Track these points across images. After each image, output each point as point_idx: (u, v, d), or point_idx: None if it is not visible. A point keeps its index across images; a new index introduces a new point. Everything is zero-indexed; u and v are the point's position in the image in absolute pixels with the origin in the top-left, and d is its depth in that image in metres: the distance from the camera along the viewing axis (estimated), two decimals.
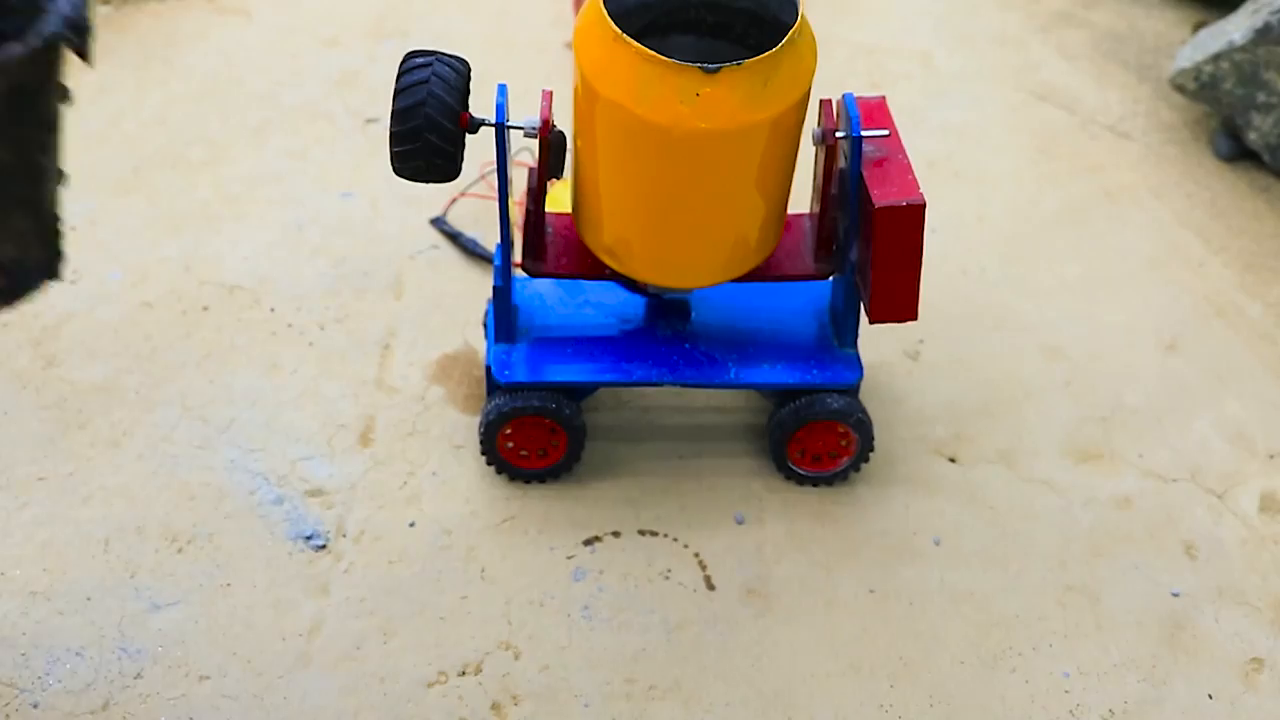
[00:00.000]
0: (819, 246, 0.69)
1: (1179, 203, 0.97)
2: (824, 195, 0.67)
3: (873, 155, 0.64)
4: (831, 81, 1.08)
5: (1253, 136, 0.99)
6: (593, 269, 0.68)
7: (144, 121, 0.99)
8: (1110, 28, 1.18)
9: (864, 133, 0.63)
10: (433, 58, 0.60)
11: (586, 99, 0.59)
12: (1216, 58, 0.98)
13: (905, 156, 0.65)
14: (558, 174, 0.65)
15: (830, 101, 0.65)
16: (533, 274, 0.68)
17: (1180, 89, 1.02)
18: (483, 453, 0.70)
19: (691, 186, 0.60)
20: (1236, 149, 1.01)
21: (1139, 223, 0.95)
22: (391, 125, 0.60)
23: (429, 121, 0.59)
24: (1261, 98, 0.97)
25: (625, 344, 0.70)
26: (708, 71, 0.55)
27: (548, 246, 0.69)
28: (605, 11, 0.57)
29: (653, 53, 0.56)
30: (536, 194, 0.67)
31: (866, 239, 0.64)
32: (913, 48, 1.14)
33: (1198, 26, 1.14)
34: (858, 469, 0.73)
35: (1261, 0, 0.99)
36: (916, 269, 0.64)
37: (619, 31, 0.56)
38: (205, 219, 0.90)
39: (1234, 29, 0.99)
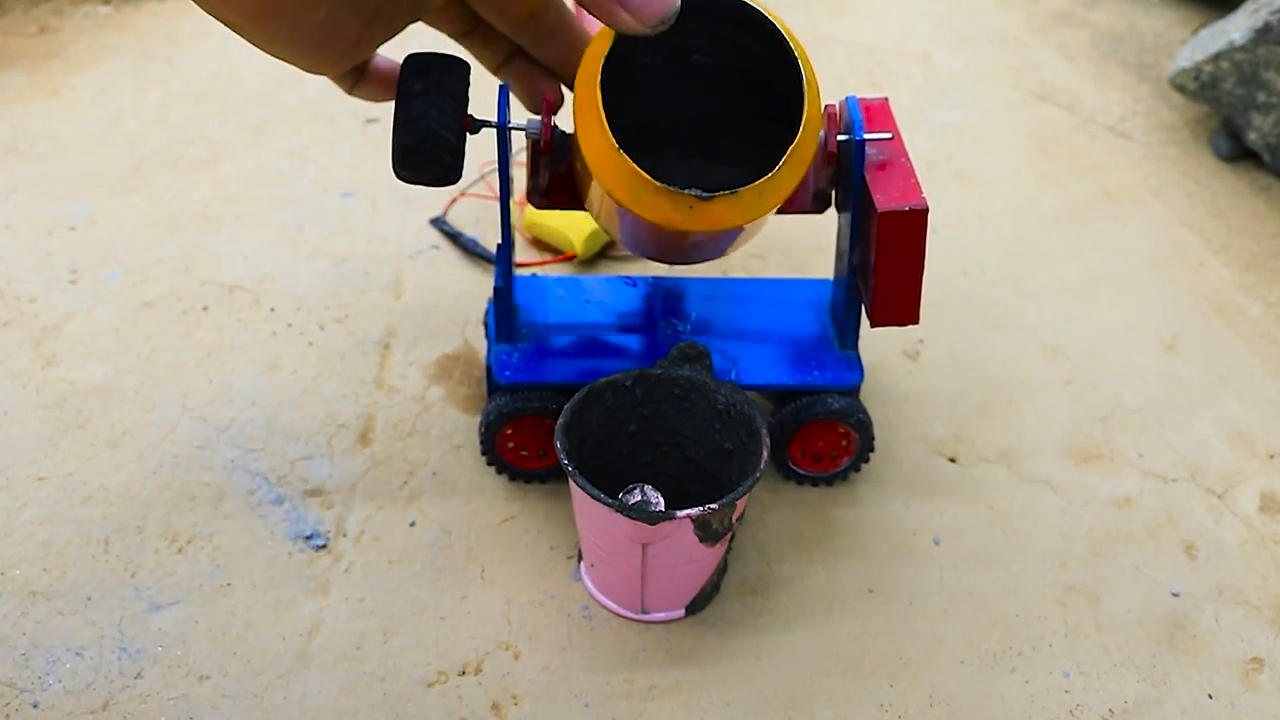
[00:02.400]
0: (818, 184, 0.67)
1: (1179, 203, 0.97)
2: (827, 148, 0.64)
3: (875, 158, 0.64)
4: (832, 81, 1.08)
5: (1253, 136, 0.99)
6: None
7: (144, 121, 0.99)
8: (1110, 28, 1.18)
9: (867, 136, 0.63)
10: (433, 60, 0.60)
11: (583, 167, 0.58)
12: (1216, 58, 0.98)
13: (908, 160, 0.64)
14: (558, 169, 0.65)
15: (833, 105, 0.64)
16: (540, 208, 0.67)
17: (1180, 89, 1.02)
18: (483, 453, 0.70)
19: (683, 244, 0.60)
20: (1236, 149, 1.01)
21: (1139, 223, 0.95)
22: (394, 132, 0.60)
23: (430, 126, 0.59)
24: (1261, 98, 0.97)
25: (626, 344, 0.71)
26: (703, 199, 0.55)
27: (552, 184, 0.67)
28: (606, 124, 0.55)
29: (648, 177, 0.55)
30: (545, 150, 0.64)
31: (868, 242, 0.64)
32: (913, 48, 1.14)
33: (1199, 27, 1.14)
34: (858, 469, 0.73)
35: (1261, 0, 0.99)
36: (919, 273, 0.64)
37: (616, 147, 0.55)
38: (205, 219, 0.90)
39: (1234, 29, 0.99)
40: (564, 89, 0.62)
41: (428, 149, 0.59)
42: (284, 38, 0.53)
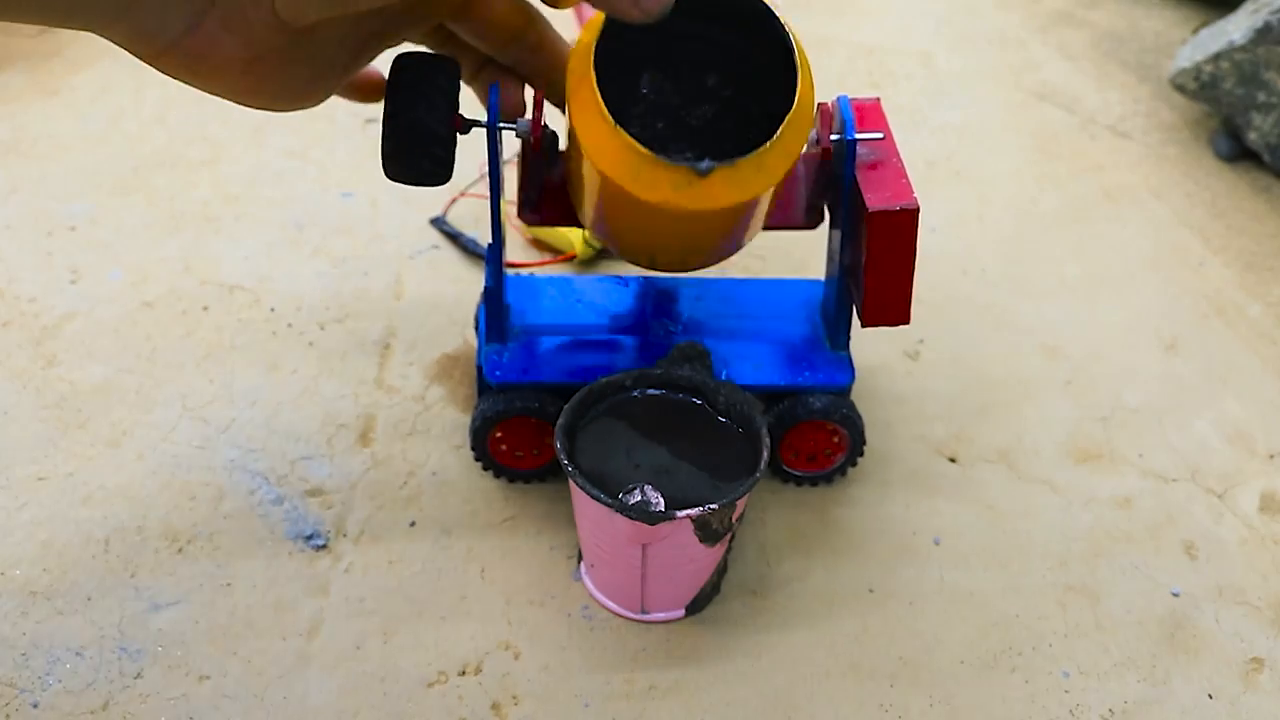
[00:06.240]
0: (811, 197, 0.67)
1: (1179, 203, 0.97)
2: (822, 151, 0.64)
3: (867, 158, 0.64)
4: (832, 81, 1.08)
5: (1253, 136, 0.99)
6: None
7: (144, 121, 0.99)
8: (1110, 28, 1.18)
9: (858, 136, 0.63)
10: (423, 59, 0.60)
11: (578, 154, 0.58)
12: (1216, 58, 0.98)
13: (899, 159, 0.64)
14: (550, 172, 0.65)
15: (825, 104, 0.64)
16: (531, 224, 0.67)
17: (1180, 89, 1.02)
18: (472, 447, 0.70)
19: (680, 235, 0.60)
20: (1236, 149, 1.01)
21: (1139, 223, 0.95)
22: (383, 130, 0.59)
23: (420, 125, 0.59)
24: (1261, 98, 0.97)
25: (618, 344, 0.70)
26: (701, 173, 0.54)
27: (544, 199, 0.67)
28: (602, 104, 0.55)
29: (647, 152, 0.54)
30: (535, 147, 0.64)
31: (859, 242, 0.64)
32: (913, 48, 1.14)
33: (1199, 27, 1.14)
34: (854, 464, 0.73)
35: (1261, 0, 0.99)
36: (909, 272, 0.64)
37: (613, 123, 0.55)
38: (205, 219, 0.90)
39: (1234, 29, 0.99)
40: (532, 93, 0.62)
41: (415, 145, 0.59)
42: (267, 101, 0.55)
